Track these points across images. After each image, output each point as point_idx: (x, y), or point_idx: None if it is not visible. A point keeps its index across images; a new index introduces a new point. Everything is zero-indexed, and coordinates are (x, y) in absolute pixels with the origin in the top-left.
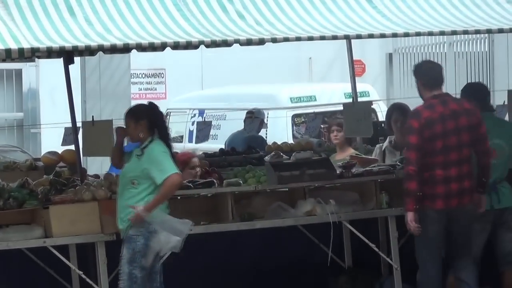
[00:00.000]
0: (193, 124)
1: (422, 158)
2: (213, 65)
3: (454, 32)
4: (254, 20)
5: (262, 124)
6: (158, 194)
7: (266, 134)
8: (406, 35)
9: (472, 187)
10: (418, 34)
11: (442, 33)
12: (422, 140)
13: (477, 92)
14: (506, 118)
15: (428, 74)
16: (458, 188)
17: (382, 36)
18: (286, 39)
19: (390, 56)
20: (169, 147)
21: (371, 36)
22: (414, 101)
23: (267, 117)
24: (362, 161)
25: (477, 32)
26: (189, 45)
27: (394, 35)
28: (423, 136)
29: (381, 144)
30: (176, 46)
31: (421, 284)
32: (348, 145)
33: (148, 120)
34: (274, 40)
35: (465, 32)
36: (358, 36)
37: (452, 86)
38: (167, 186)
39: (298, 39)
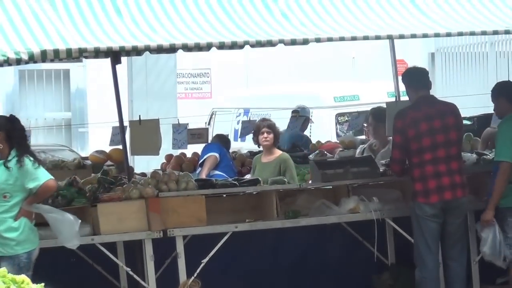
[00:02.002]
0: (238, 123)
1: (410, 156)
2: (258, 64)
3: (495, 32)
4: (299, 20)
5: (307, 122)
6: (34, 195)
7: (310, 132)
8: (449, 35)
9: (463, 182)
10: (460, 34)
11: (484, 33)
12: (406, 140)
13: (508, 90)
14: None
15: (413, 77)
16: (450, 182)
17: (425, 36)
18: (330, 39)
19: (433, 55)
20: (33, 156)
21: (413, 36)
22: (456, 99)
23: (312, 115)
24: None
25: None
26: (234, 45)
27: (437, 35)
28: (407, 136)
29: (363, 146)
30: (221, 46)
31: (421, 280)
32: (276, 147)
33: (5, 132)
34: (318, 40)
35: (507, 32)
36: (401, 36)
37: (493, 85)
38: (43, 188)
39: (342, 39)
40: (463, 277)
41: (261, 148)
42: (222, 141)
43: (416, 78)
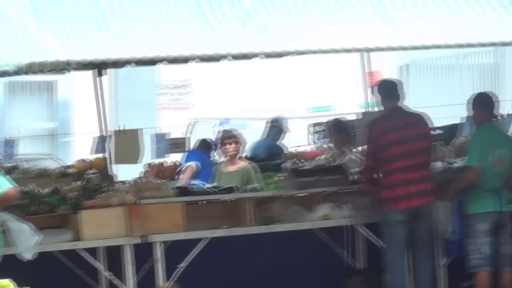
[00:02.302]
0: (216, 132)
1: (380, 165)
2: (236, 77)
3: (465, 45)
4: (276, 34)
5: (282, 132)
6: None
7: (286, 142)
8: (420, 48)
9: (431, 189)
10: (430, 47)
11: (455, 45)
12: (377, 148)
13: (485, 101)
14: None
15: (384, 89)
16: (417, 190)
17: (396, 49)
18: (305, 52)
19: (405, 67)
20: None
21: (385, 49)
22: (426, 110)
23: (287, 126)
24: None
25: (483, 45)
26: (213, 59)
27: (408, 48)
28: (377, 144)
29: (325, 156)
30: (201, 59)
31: (390, 284)
32: (238, 158)
33: None
34: (294, 53)
35: (472, 45)
36: (374, 49)
37: (461, 96)
38: (3, 196)
39: (317, 52)
40: (430, 281)
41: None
42: (205, 146)
43: (387, 90)
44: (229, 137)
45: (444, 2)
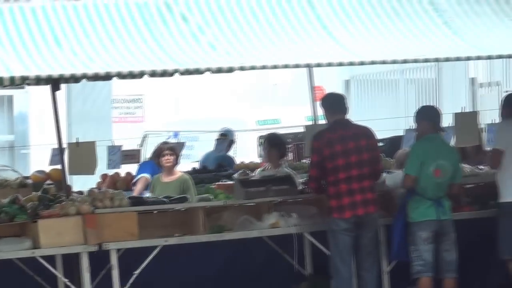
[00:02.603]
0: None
1: (325, 175)
2: (187, 91)
3: (405, 61)
4: (224, 50)
5: (231, 144)
6: None
7: (235, 154)
8: (362, 63)
9: (375, 198)
10: (372, 62)
11: (394, 61)
12: (323, 159)
13: (431, 114)
14: (453, 139)
15: (330, 102)
16: (362, 199)
17: (340, 64)
18: (253, 68)
19: (348, 82)
20: None
21: (330, 64)
22: (369, 123)
23: (236, 138)
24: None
25: (426, 60)
26: (165, 73)
27: (351, 63)
28: (323, 155)
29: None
30: (153, 74)
31: None
32: (175, 168)
33: None
34: (242, 69)
35: (415, 60)
36: (318, 65)
37: (403, 109)
38: None
39: (264, 67)
40: (375, 287)
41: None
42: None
43: (333, 103)
44: (166, 149)
45: (388, 19)
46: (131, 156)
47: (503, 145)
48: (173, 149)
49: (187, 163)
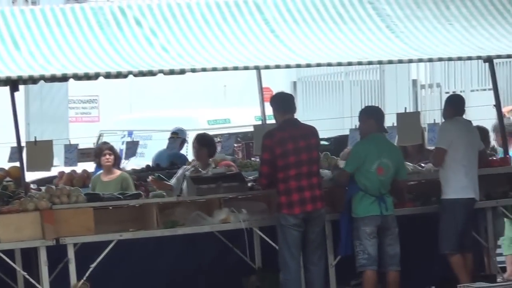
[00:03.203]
0: (122, 143)
1: (277, 172)
2: (141, 92)
3: (350, 63)
4: (176, 52)
5: (183, 143)
6: None
7: (187, 152)
8: (308, 65)
9: (322, 195)
10: (318, 65)
11: (339, 64)
12: (274, 156)
13: (377, 114)
14: (396, 138)
15: (280, 102)
16: (311, 196)
17: (288, 66)
18: (204, 70)
19: (295, 83)
20: None
21: (278, 66)
22: (315, 123)
23: (188, 137)
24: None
25: (370, 63)
26: (119, 75)
27: (298, 65)
28: (274, 153)
29: (186, 167)
30: (108, 75)
31: (285, 282)
32: (115, 167)
33: None
34: (193, 70)
35: (360, 63)
36: (267, 67)
37: (348, 110)
38: None
39: (215, 69)
40: (322, 279)
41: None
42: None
43: (282, 103)
44: (105, 149)
45: (333, 23)
46: (87, 154)
47: (446, 144)
48: (112, 149)
49: (141, 161)
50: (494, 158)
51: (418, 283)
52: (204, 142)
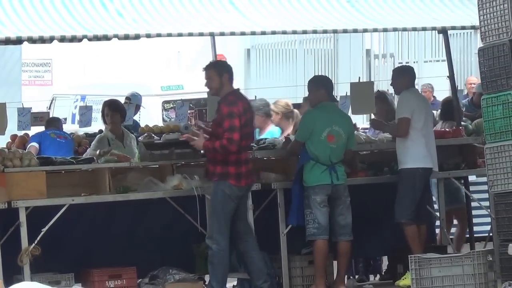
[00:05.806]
0: (75, 108)
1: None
2: (95, 56)
3: (304, 32)
4: (131, 18)
5: (137, 108)
6: None
7: (139, 117)
8: (263, 33)
9: (253, 169)
10: (273, 32)
11: (294, 32)
12: (240, 125)
13: (328, 83)
14: (349, 108)
15: (231, 71)
16: (252, 168)
17: (242, 33)
18: (159, 35)
19: (248, 51)
20: None
21: (233, 33)
22: (267, 91)
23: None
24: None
25: (325, 31)
26: (74, 39)
27: (253, 33)
28: (241, 121)
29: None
30: (62, 39)
31: (219, 253)
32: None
33: None
34: (148, 36)
35: (314, 31)
36: (222, 34)
37: (302, 78)
38: None
39: (169, 35)
40: (257, 248)
41: None
42: (51, 124)
43: (232, 72)
44: None
45: None
46: (40, 118)
47: (409, 113)
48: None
49: (95, 126)
50: (447, 130)
51: (370, 253)
52: (116, 107)
